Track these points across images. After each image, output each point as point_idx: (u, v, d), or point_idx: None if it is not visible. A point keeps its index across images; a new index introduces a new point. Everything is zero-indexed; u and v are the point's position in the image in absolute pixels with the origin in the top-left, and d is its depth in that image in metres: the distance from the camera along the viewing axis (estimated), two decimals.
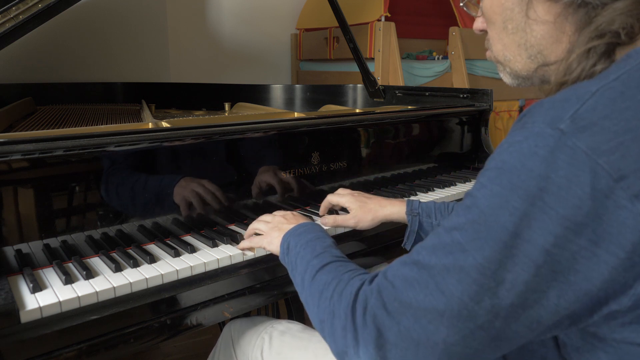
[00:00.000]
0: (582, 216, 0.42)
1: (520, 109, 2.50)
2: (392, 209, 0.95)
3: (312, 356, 0.82)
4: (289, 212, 0.90)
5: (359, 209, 0.95)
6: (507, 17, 0.59)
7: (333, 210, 1.04)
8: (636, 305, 0.44)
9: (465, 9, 0.68)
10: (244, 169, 0.99)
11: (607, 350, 0.48)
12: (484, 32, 0.65)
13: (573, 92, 0.47)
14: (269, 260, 0.86)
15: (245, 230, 0.94)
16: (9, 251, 0.75)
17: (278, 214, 0.90)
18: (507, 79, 0.64)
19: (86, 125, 1.34)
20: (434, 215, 0.93)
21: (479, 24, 0.66)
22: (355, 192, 1.00)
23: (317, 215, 1.04)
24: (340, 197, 0.99)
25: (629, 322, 0.46)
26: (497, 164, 0.47)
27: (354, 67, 2.01)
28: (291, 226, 0.80)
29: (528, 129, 0.46)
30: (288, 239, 0.77)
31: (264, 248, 0.84)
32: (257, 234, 0.88)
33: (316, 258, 0.67)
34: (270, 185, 1.03)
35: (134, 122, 1.40)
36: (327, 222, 0.97)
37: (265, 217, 0.89)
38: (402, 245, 0.96)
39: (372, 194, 1.22)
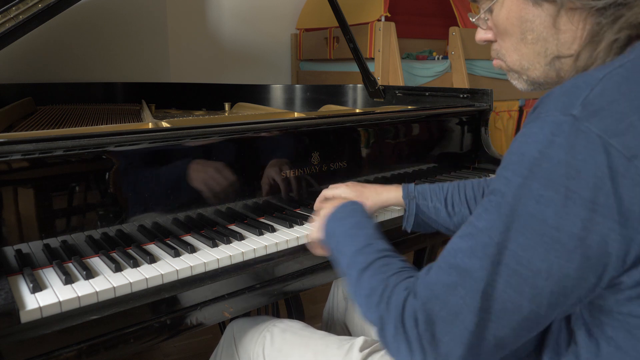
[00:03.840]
0: (604, 197, 0.45)
1: (520, 109, 2.50)
2: (388, 195, 0.97)
3: (312, 354, 0.83)
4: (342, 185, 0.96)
5: (357, 198, 0.95)
6: (526, 28, 0.60)
7: None
8: None
9: (476, 24, 0.68)
10: (244, 168, 0.99)
11: (614, 325, 0.50)
12: (488, 42, 0.67)
13: (581, 79, 0.49)
14: (269, 260, 0.86)
15: (246, 230, 0.94)
16: (9, 251, 0.75)
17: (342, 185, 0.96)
18: (522, 85, 0.66)
19: (86, 125, 1.34)
20: (429, 197, 0.96)
21: (482, 34, 0.67)
22: (350, 183, 1.00)
23: None
24: (336, 188, 0.98)
25: (636, 297, 0.48)
26: (517, 157, 0.49)
27: (354, 67, 2.01)
28: (330, 210, 0.79)
29: (542, 119, 0.48)
30: (329, 225, 0.77)
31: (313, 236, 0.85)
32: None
33: (359, 254, 0.66)
34: (271, 185, 1.03)
35: (134, 122, 1.40)
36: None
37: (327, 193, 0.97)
38: (402, 228, 0.98)
39: None
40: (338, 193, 0.98)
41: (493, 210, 0.50)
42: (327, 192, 1.00)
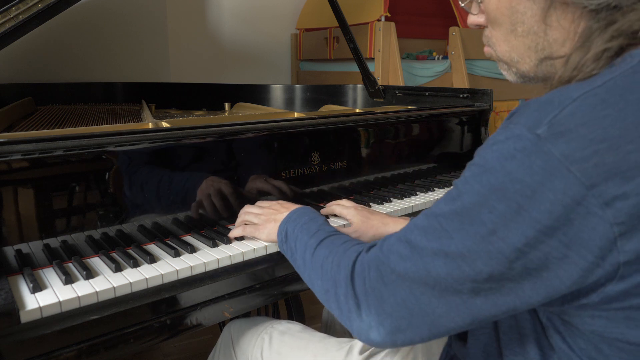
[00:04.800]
0: (554, 220, 0.44)
1: None
2: (395, 226, 0.94)
3: (311, 356, 0.83)
4: (274, 203, 0.92)
5: (361, 223, 0.94)
6: (517, 20, 0.57)
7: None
8: (603, 302, 0.47)
9: (466, 9, 0.66)
10: (244, 169, 0.99)
11: (583, 338, 0.51)
12: (480, 27, 0.65)
13: (556, 95, 0.48)
14: (269, 260, 0.86)
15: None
16: (9, 251, 0.75)
17: (264, 204, 0.92)
18: (511, 77, 0.64)
19: (86, 125, 1.34)
20: None
21: (474, 19, 0.64)
22: (360, 206, 0.99)
23: None
24: (344, 208, 0.99)
25: (598, 316, 0.49)
26: (481, 160, 0.50)
27: (354, 67, 2.01)
28: (284, 214, 0.84)
29: (510, 130, 0.48)
30: (285, 227, 0.81)
31: (261, 239, 0.88)
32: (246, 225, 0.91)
33: (312, 237, 0.73)
34: (270, 185, 1.03)
35: (134, 122, 1.40)
36: None
37: (254, 209, 0.92)
38: None
39: (372, 193, 1.22)
40: (344, 214, 0.98)
41: (449, 202, 0.52)
42: (335, 208, 1.00)
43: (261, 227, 0.87)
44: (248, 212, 0.92)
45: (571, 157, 0.44)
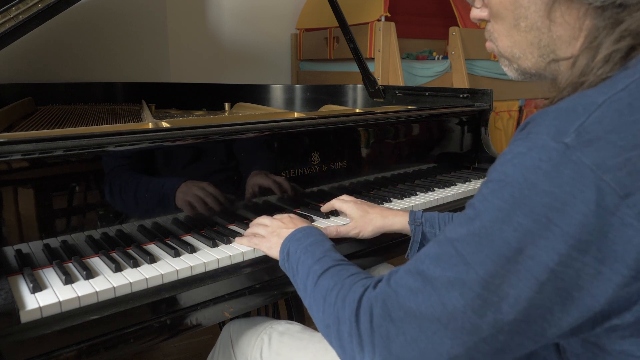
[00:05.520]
0: (587, 234, 0.42)
1: (520, 109, 2.50)
2: (394, 219, 0.94)
3: (311, 356, 0.83)
4: (285, 216, 0.90)
5: (360, 218, 0.95)
6: (520, 15, 0.56)
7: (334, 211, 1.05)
8: (638, 321, 0.44)
9: (469, 2, 0.63)
10: (244, 169, 0.99)
11: (607, 359, 0.48)
12: (482, 21, 0.63)
13: (579, 101, 0.45)
14: (269, 260, 0.86)
15: (245, 230, 0.94)
16: (9, 251, 0.75)
17: (276, 217, 0.90)
18: (512, 74, 0.63)
19: (86, 125, 1.34)
20: (437, 225, 0.91)
21: (477, 12, 0.62)
22: (359, 201, 0.99)
23: (318, 216, 1.04)
24: (343, 202, 0.99)
25: (629, 335, 0.46)
26: (500, 175, 0.46)
27: (354, 67, 2.01)
28: (290, 231, 0.81)
29: (532, 140, 0.45)
30: (287, 245, 0.78)
31: (264, 252, 0.86)
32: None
33: (317, 263, 0.68)
34: (270, 186, 1.03)
35: (134, 122, 1.40)
36: (329, 233, 0.94)
37: (264, 220, 0.90)
38: (406, 256, 0.94)
39: (372, 193, 1.22)
40: (344, 209, 0.98)
41: (464, 224, 0.48)
42: (335, 203, 1.01)
43: (265, 240, 0.86)
44: (258, 224, 0.91)
45: (603, 165, 0.41)
